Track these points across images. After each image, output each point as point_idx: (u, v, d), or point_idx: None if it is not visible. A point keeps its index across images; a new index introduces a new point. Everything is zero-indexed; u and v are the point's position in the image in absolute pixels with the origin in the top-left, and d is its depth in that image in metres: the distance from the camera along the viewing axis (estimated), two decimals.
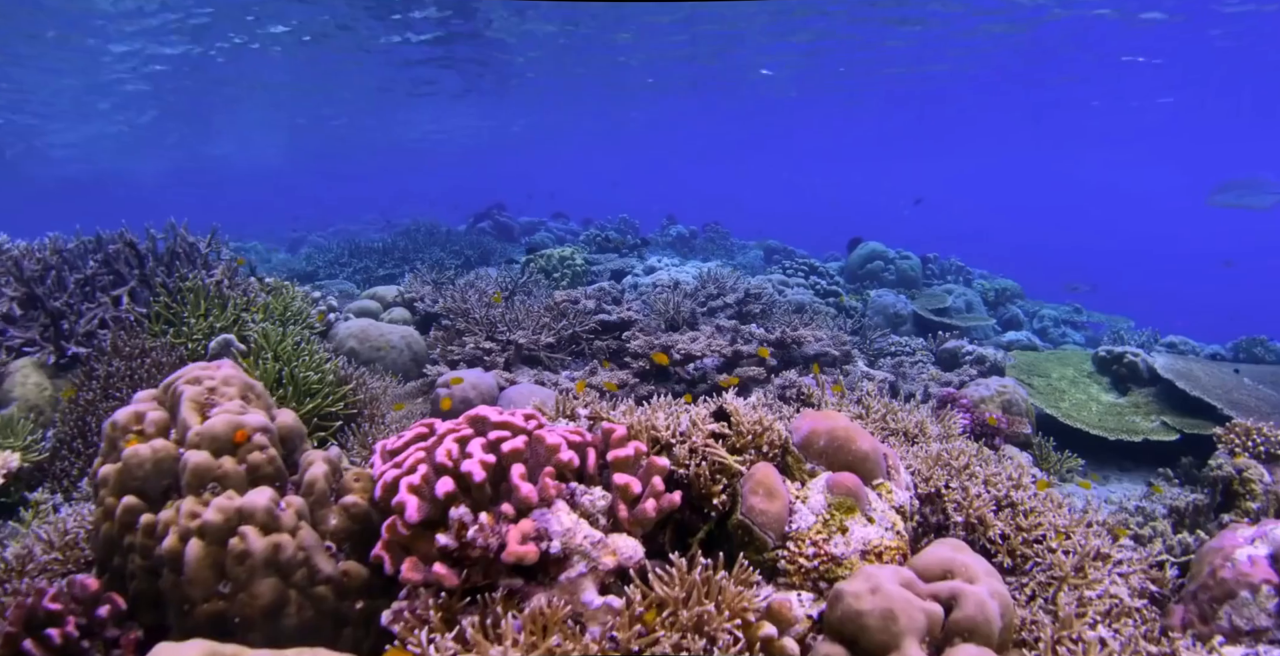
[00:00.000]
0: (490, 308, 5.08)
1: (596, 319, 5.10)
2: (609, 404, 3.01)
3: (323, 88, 16.72)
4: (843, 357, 5.10)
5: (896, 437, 3.14)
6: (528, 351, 4.77)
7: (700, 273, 6.26)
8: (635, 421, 2.32)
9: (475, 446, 2.05)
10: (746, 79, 17.59)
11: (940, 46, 14.79)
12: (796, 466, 2.24)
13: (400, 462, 2.22)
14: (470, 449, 2.05)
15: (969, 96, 20.01)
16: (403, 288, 6.17)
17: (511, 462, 2.02)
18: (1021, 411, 4.69)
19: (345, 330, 5.27)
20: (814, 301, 7.56)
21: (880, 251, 10.33)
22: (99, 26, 11.83)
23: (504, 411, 2.25)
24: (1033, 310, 10.97)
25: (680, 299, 5.48)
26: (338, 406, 4.21)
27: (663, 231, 13.82)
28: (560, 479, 2.14)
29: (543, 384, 4.20)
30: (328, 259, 9.93)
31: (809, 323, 5.84)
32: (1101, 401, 5.83)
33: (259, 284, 5.67)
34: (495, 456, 2.03)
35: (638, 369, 4.39)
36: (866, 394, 3.53)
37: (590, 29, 13.14)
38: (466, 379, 4.02)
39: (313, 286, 8.38)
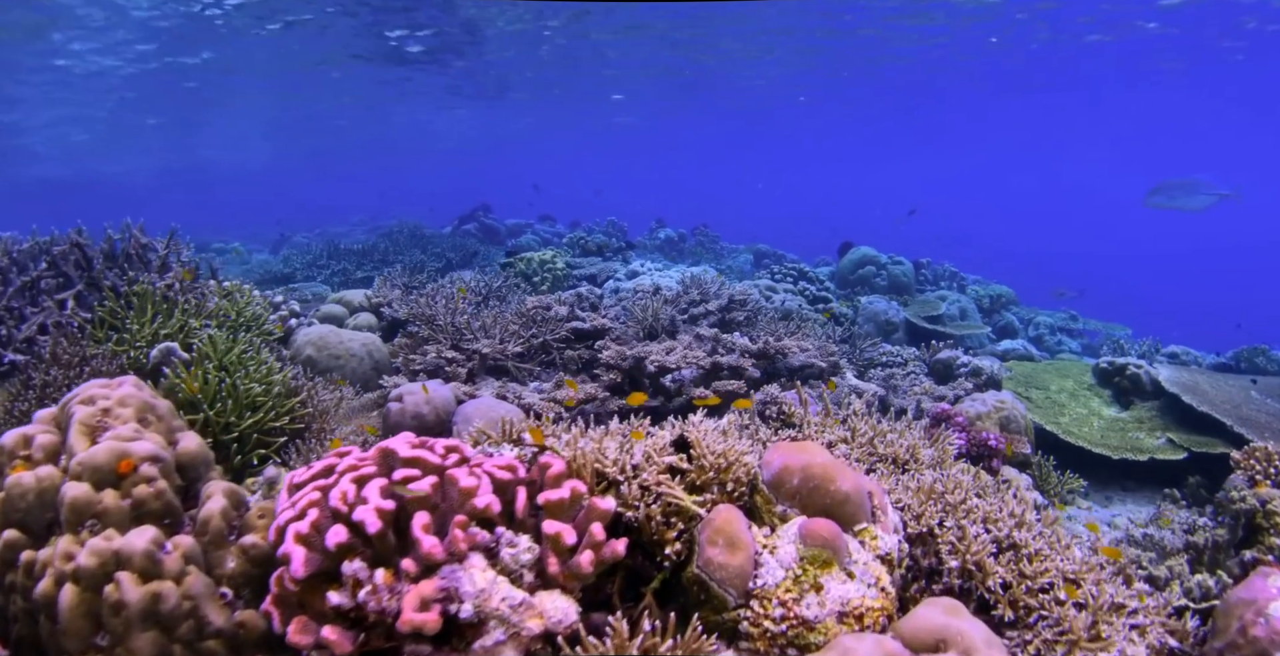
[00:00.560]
0: (456, 314, 4.73)
1: (569, 327, 4.75)
2: (563, 426, 2.66)
3: (309, 88, 16.37)
4: (830, 369, 4.75)
5: (885, 464, 2.79)
6: (493, 361, 4.42)
7: (683, 278, 5.91)
8: (579, 453, 1.96)
9: (372, 490, 1.69)
10: (737, 81, 17.29)
11: (935, 49, 14.51)
12: (766, 508, 1.89)
13: (296, 502, 1.87)
14: (366, 493, 1.70)
15: (962, 98, 19.76)
16: (370, 292, 5.81)
17: (415, 510, 1.66)
18: (1020, 429, 4.35)
19: (303, 337, 4.91)
20: (802, 308, 7.22)
21: (872, 256, 9.99)
22: (77, 21, 11.48)
23: (419, 444, 1.90)
24: (1028, 317, 10.64)
25: (659, 305, 5.14)
26: (283, 421, 3.86)
27: (651, 234, 13.48)
28: (484, 525, 1.79)
29: (505, 398, 3.85)
30: (305, 260, 9.56)
31: (795, 331, 5.49)
32: (1103, 416, 5.49)
33: (216, 287, 5.31)
34: (395, 502, 1.67)
35: (608, 382, 4.04)
36: (853, 413, 3.18)
37: (577, 30, 12.83)
38: (420, 392, 3.66)
39: (285, 289, 8.02)
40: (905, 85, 17.77)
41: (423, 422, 3.59)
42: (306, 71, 14.66)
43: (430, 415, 3.60)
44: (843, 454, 2.86)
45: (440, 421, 3.61)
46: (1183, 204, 8.35)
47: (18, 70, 13.69)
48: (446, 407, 3.66)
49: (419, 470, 1.76)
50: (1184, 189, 8.31)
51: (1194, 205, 8.31)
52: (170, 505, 2.25)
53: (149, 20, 11.49)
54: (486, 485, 1.77)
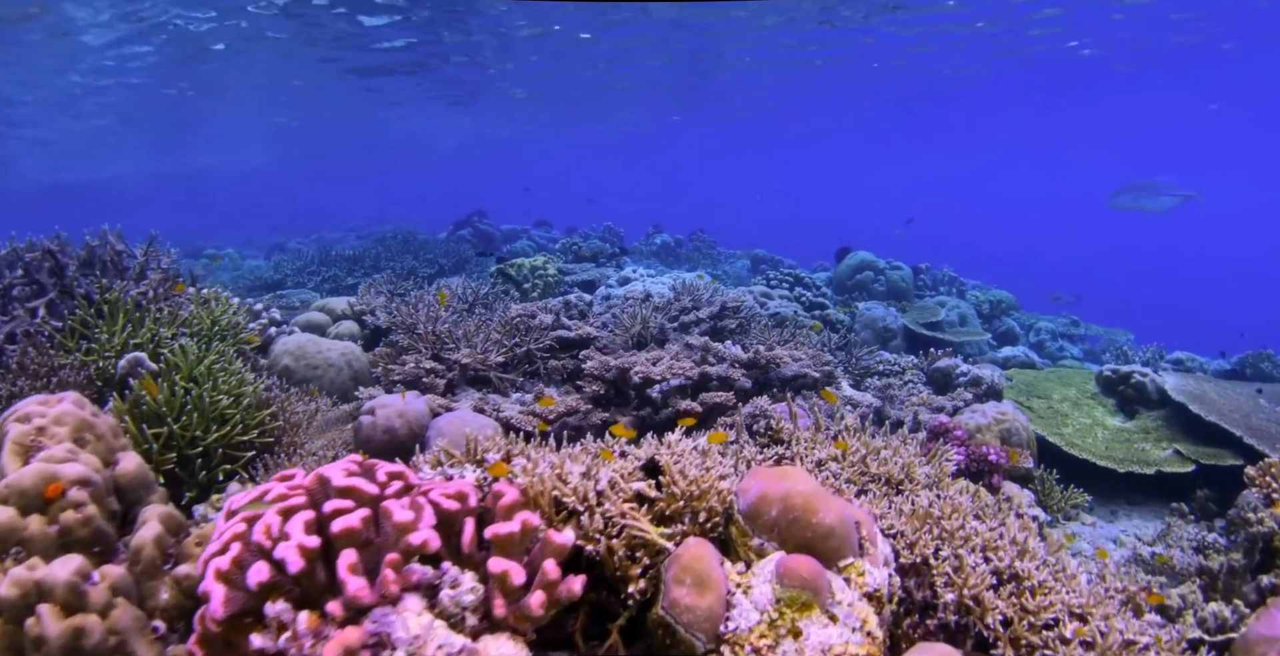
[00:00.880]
0: (437, 322, 4.55)
1: (554, 335, 4.58)
2: (533, 445, 2.48)
3: (303, 97, 16.25)
4: (824, 379, 4.57)
5: (878, 484, 2.61)
6: (474, 372, 4.24)
7: (674, 284, 5.74)
8: (536, 479, 1.78)
9: (296, 525, 1.51)
10: (733, 85, 17.16)
11: (932, 52, 14.36)
12: (741, 541, 1.71)
13: (221, 534, 1.69)
14: (290, 527, 1.52)
15: (961, 100, 19.62)
16: (353, 299, 5.64)
17: (344, 546, 1.48)
18: (1022, 441, 4.16)
19: (281, 346, 4.74)
20: (798, 315, 7.04)
21: (870, 261, 9.81)
22: (72, 27, 11.35)
23: (359, 470, 1.72)
24: (1029, 323, 10.45)
25: (648, 313, 4.96)
26: (252, 434, 3.68)
27: (648, 240, 13.31)
28: (430, 561, 1.61)
29: (483, 410, 3.67)
30: (296, 266, 9.40)
31: (789, 339, 5.31)
32: (1107, 426, 5.30)
33: (194, 295, 5.14)
34: (320, 539, 1.50)
35: (591, 394, 3.86)
36: (845, 429, 2.99)
37: (572, 34, 12.69)
38: (393, 405, 3.48)
39: (273, 296, 7.86)
40: (904, 87, 17.62)
41: (394, 437, 3.41)
42: (300, 81, 14.54)
43: (402, 429, 3.42)
44: (833, 473, 2.68)
45: (413, 435, 3.43)
46: (1146, 205, 8.43)
47: (14, 73, 13.58)
48: (420, 421, 3.49)
49: (352, 501, 1.58)
50: (1147, 190, 8.38)
51: (1157, 206, 8.38)
52: (100, 532, 2.07)
53: (144, 30, 11.38)
54: (428, 517, 1.59)
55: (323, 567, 1.57)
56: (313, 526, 1.54)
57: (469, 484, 1.84)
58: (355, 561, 1.45)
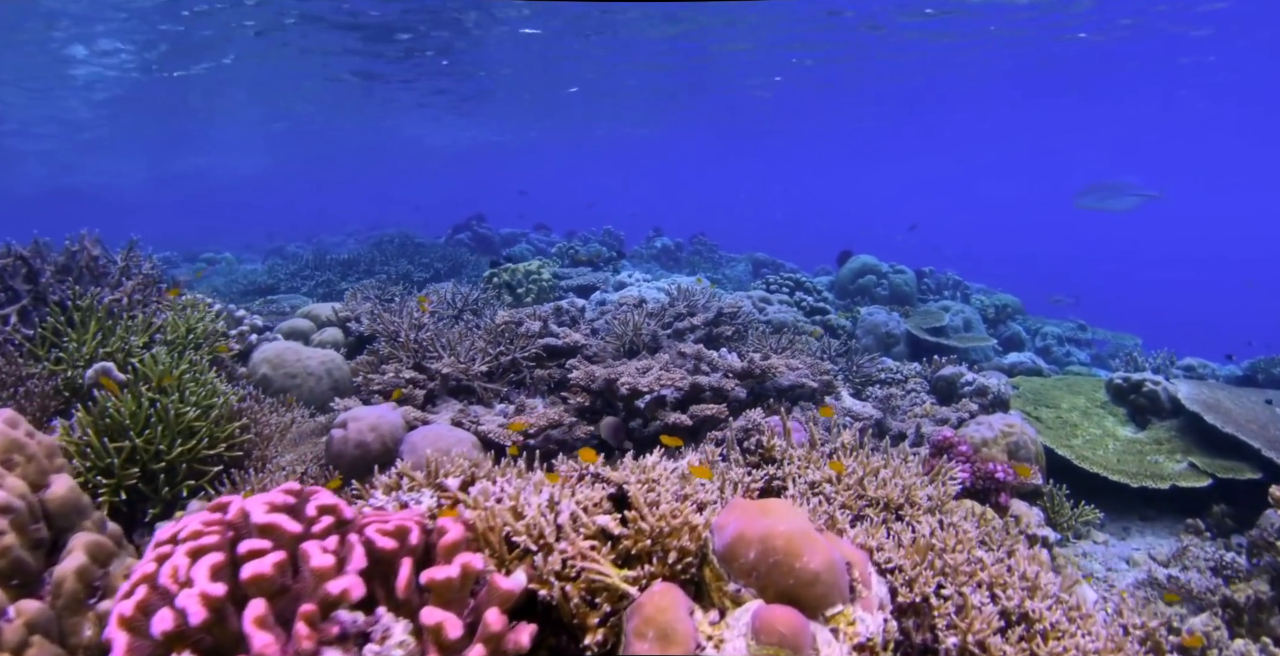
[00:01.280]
0: (420, 329, 4.36)
1: (541, 343, 4.38)
2: (500, 466, 2.29)
3: (303, 99, 16.13)
4: (823, 388, 4.36)
5: (876, 509, 2.40)
6: (455, 382, 4.04)
7: (668, 289, 5.54)
8: (485, 514, 1.58)
9: (201, 570, 1.32)
10: (736, 87, 16.97)
11: (935, 56, 14.17)
12: (715, 585, 1.51)
13: (131, 574, 1.50)
14: (195, 572, 1.32)
15: (962, 101, 19.41)
16: (338, 305, 5.46)
17: (254, 594, 1.29)
18: (1030, 455, 3.95)
19: (259, 354, 4.55)
20: (798, 321, 6.83)
21: (872, 265, 9.60)
22: (65, 27, 11.24)
23: (285, 504, 1.52)
24: (1035, 327, 10.22)
25: (640, 320, 4.76)
26: (219, 448, 3.49)
27: (648, 243, 13.12)
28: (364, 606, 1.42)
29: (461, 424, 3.47)
30: (290, 271, 9.23)
31: (787, 347, 5.11)
32: (1119, 437, 5.08)
33: (173, 302, 4.96)
34: (226, 587, 1.30)
35: (576, 406, 3.67)
36: (841, 447, 2.79)
37: (572, 37, 12.53)
38: (365, 418, 3.29)
39: (264, 301, 7.69)
40: (906, 89, 17.42)
41: (366, 452, 3.22)
42: (300, 82, 14.41)
43: (375, 444, 3.23)
44: (826, 496, 2.47)
45: (386, 450, 3.24)
46: (1111, 205, 8.52)
47: (11, 75, 13.48)
48: (394, 435, 3.29)
49: (269, 542, 1.38)
50: (1111, 190, 8.48)
51: (1121, 206, 8.47)
52: (19, 563, 1.88)
53: (141, 29, 11.25)
54: (357, 559, 1.40)
55: (235, 616, 1.38)
56: (221, 571, 1.35)
57: (415, 516, 1.64)
58: (263, 614, 1.25)
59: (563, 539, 1.55)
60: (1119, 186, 8.44)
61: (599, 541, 1.57)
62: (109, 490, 3.22)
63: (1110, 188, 8.48)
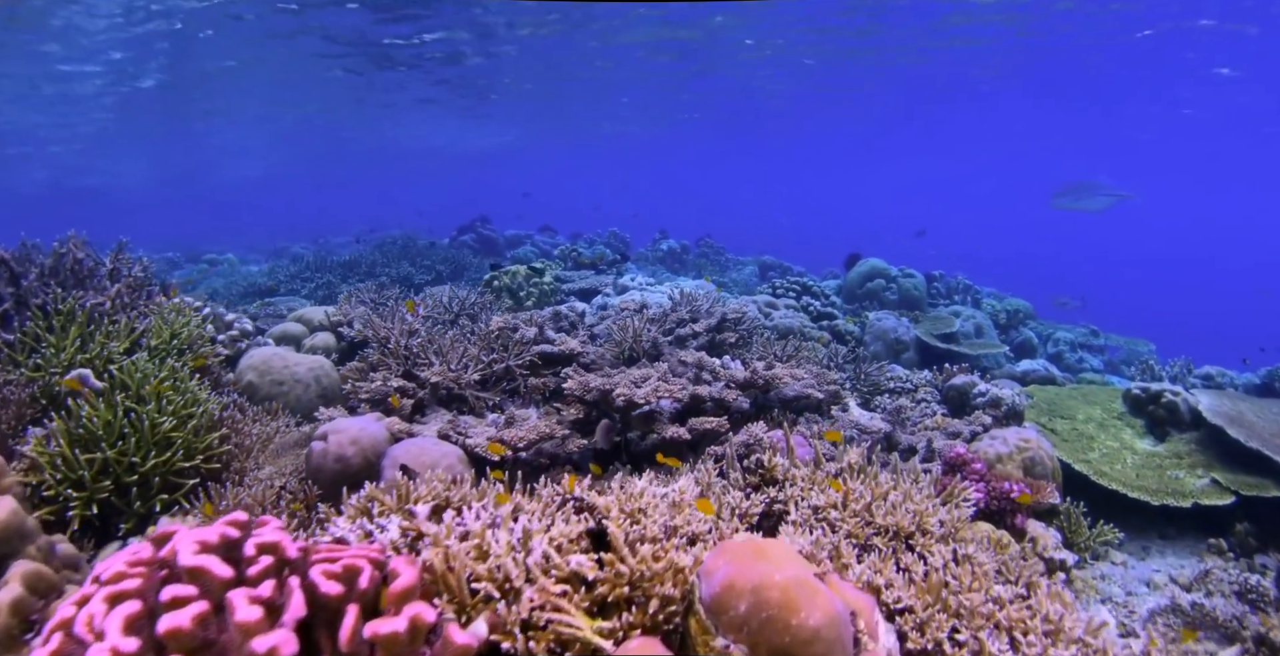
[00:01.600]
0: (411, 336, 4.19)
1: (537, 350, 4.21)
2: (478, 490, 2.12)
3: (309, 98, 16.02)
4: (830, 399, 4.17)
5: (884, 538, 2.22)
6: (447, 391, 3.88)
7: (671, 293, 5.36)
8: (443, 556, 1.41)
9: (114, 621, 1.15)
10: (744, 88, 16.79)
11: (940, 54, 13.95)
12: (701, 639, 1.33)
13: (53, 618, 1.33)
14: (108, 623, 1.15)
15: (969, 102, 19.18)
16: (331, 309, 5.30)
17: (172, 650, 1.12)
18: (1047, 472, 3.75)
19: (246, 361, 4.40)
20: (804, 327, 6.64)
21: (881, 269, 9.39)
22: (70, 28, 11.15)
23: (220, 542, 1.35)
24: (1046, 333, 9.99)
25: (640, 326, 4.58)
26: (196, 460, 3.33)
27: (654, 246, 12.95)
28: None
29: (448, 437, 3.30)
30: (290, 273, 9.09)
31: (793, 354, 4.92)
32: (1137, 450, 4.86)
33: (159, 305, 4.82)
34: (140, 641, 1.13)
35: (570, 418, 3.49)
36: (848, 468, 2.60)
37: (580, 36, 12.38)
38: (347, 430, 3.13)
39: (260, 303, 7.55)
40: (911, 87, 17.20)
41: (346, 467, 3.05)
42: (303, 83, 14.30)
43: (356, 458, 3.06)
44: (831, 522, 2.29)
45: (367, 464, 3.07)
46: (1086, 205, 8.68)
47: (10, 75, 13.41)
48: (376, 448, 3.12)
49: (195, 588, 1.21)
50: (1085, 190, 8.63)
51: (1095, 206, 8.65)
52: None
53: (142, 31, 11.15)
54: (295, 607, 1.22)
55: None
56: (137, 622, 1.18)
57: (370, 553, 1.47)
58: None
59: (531, 583, 1.37)
60: (1093, 186, 8.58)
61: (573, 585, 1.40)
62: (80, 503, 3.07)
63: (1084, 188, 8.59)
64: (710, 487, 2.45)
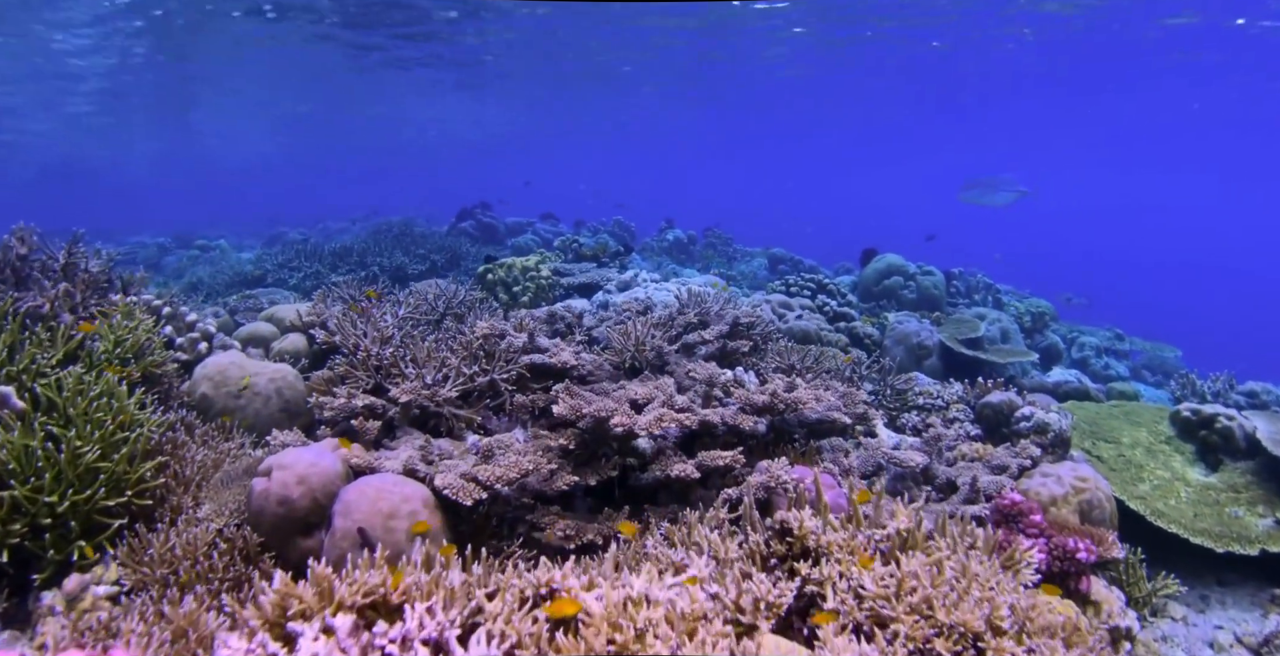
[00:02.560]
0: (384, 342, 3.68)
1: (527, 360, 3.70)
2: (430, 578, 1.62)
3: (307, 78, 15.42)
4: (856, 421, 3.67)
5: (947, 640, 1.72)
6: (419, 410, 3.38)
7: (678, 293, 4.84)
8: None
9: None
10: (753, 76, 16.16)
11: (959, 42, 13.34)
12: None
13: None
14: None
15: (984, 96, 18.56)
16: (303, 308, 4.78)
17: None
18: (1105, 516, 3.24)
19: (201, 370, 3.89)
20: (821, 329, 6.12)
21: (899, 265, 8.85)
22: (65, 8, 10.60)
23: None
24: (1071, 336, 9.45)
25: (644, 332, 4.07)
26: (124, 496, 2.83)
27: (659, 236, 12.40)
28: None
29: (414, 473, 2.79)
30: (278, 261, 8.57)
31: (813, 366, 4.40)
32: (1189, 481, 4.35)
33: (121, 306, 4.31)
34: None
35: (559, 447, 2.99)
36: (896, 536, 2.09)
37: (589, 22, 11.80)
38: (295, 464, 2.62)
39: (240, 296, 7.04)
40: (928, 80, 16.58)
41: (291, 511, 2.55)
42: (306, 61, 13.72)
43: (302, 500, 2.56)
44: (881, 619, 1.79)
45: (316, 507, 2.57)
46: (990, 200, 8.87)
47: (8, 62, 12.87)
48: (328, 488, 2.62)
49: None
50: (989, 186, 8.82)
51: (998, 201, 8.83)
52: None
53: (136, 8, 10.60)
54: None
55: None
56: None
57: None
58: None
59: None
60: (996, 182, 8.79)
61: None
62: None
63: (987, 184, 8.81)
64: (729, 564, 1.94)
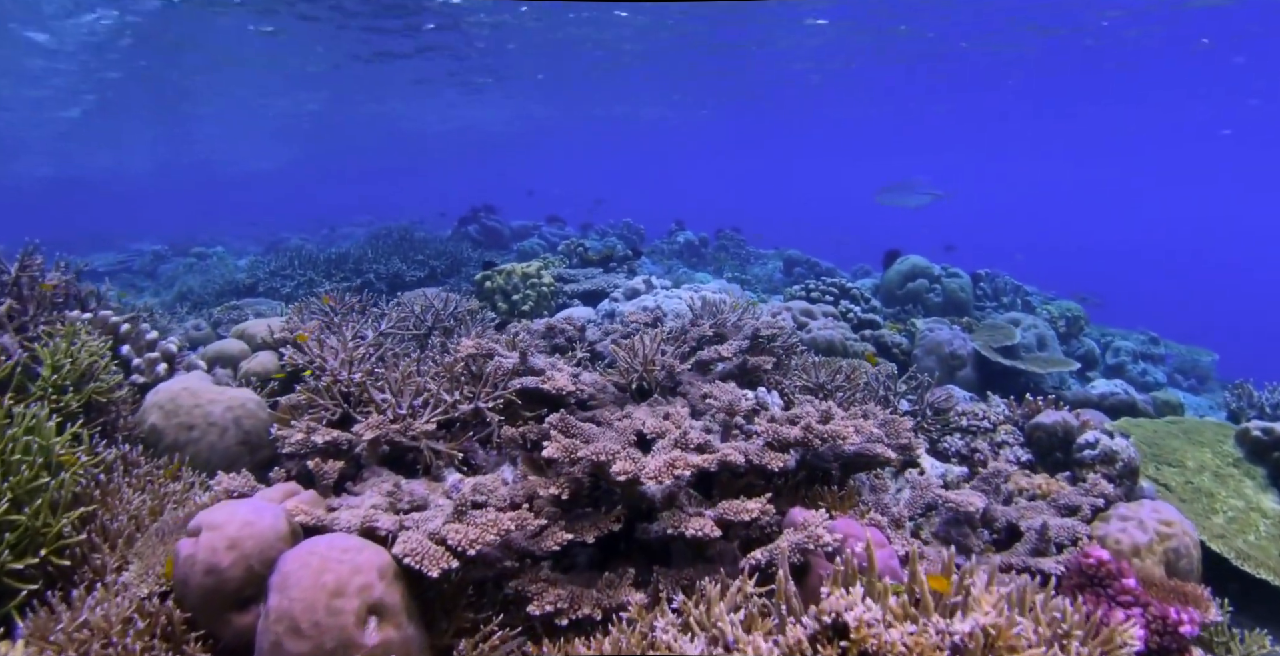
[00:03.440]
0: (354, 363, 3.19)
1: (517, 385, 3.20)
2: None
3: (312, 83, 15.02)
4: (900, 452, 3.14)
5: None
6: (391, 445, 2.88)
7: (691, 303, 4.34)
8: None
9: None
10: (768, 73, 15.62)
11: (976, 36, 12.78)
12: None
13: None
14: None
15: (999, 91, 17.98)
16: (276, 322, 4.30)
17: None
18: (1192, 566, 2.71)
19: (153, 397, 3.41)
20: (848, 339, 5.60)
21: (923, 267, 8.31)
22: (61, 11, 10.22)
23: None
24: (1105, 341, 8.88)
25: (654, 347, 3.56)
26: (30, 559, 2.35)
27: (669, 238, 11.89)
28: None
29: (372, 532, 2.29)
30: (270, 269, 8.12)
31: (844, 385, 3.89)
32: (1266, 512, 3.80)
33: (66, 327, 3.84)
34: None
35: (549, 497, 2.49)
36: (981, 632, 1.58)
37: (599, 19, 11.32)
38: (225, 525, 2.13)
39: (225, 307, 6.58)
40: (950, 76, 16.00)
41: (220, 582, 2.06)
42: (306, 64, 13.31)
43: (233, 569, 2.07)
44: None
45: (253, 578, 2.08)
46: (905, 201, 8.98)
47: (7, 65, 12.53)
48: (265, 554, 2.12)
49: None
50: (904, 188, 8.97)
51: (913, 203, 8.94)
52: None
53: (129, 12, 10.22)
54: None
55: None
56: None
57: None
58: None
59: None
60: (910, 185, 8.98)
61: None
62: None
63: (903, 186, 9.00)
64: None
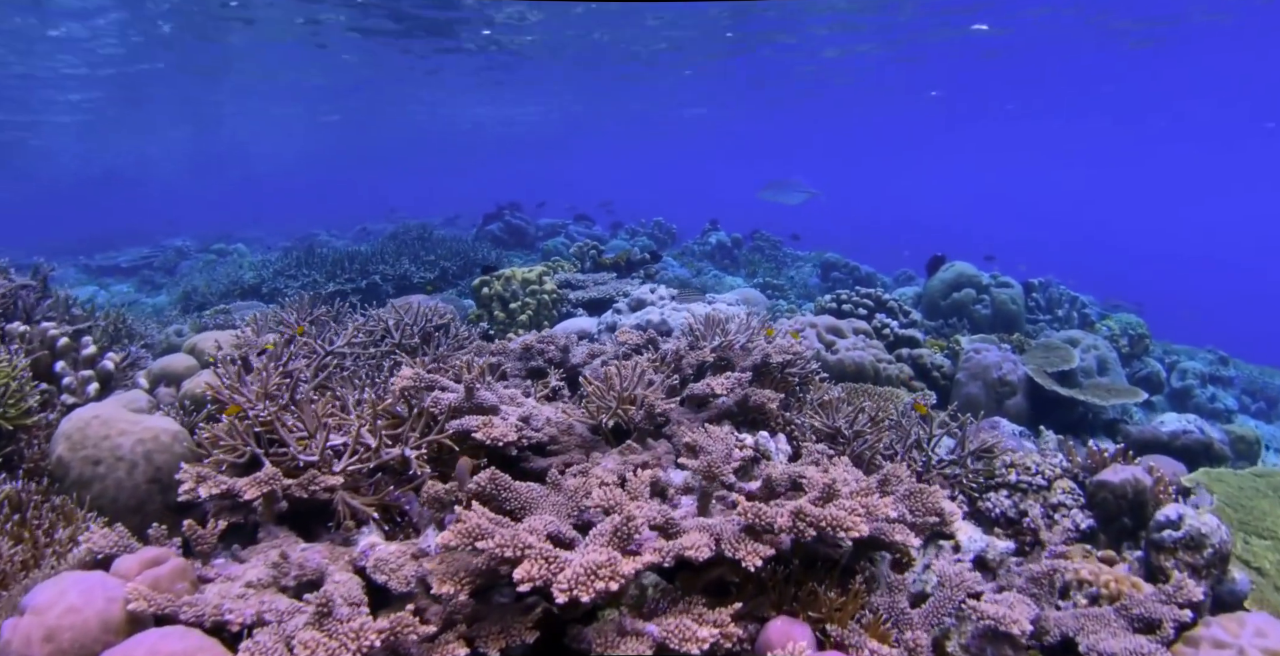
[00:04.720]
0: (268, 400, 2.64)
1: (455, 427, 2.60)
2: None
3: (337, 79, 14.72)
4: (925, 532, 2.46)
5: None
6: (294, 501, 2.32)
7: (690, 322, 3.70)
8: None
9: None
10: (802, 68, 14.81)
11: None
12: None
13: None
14: None
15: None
16: (223, 336, 3.79)
17: None
18: None
19: (64, 425, 2.92)
20: (880, 360, 4.89)
21: (971, 275, 7.49)
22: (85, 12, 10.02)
23: None
24: (1170, 361, 7.94)
25: (634, 378, 2.94)
26: None
27: (701, 239, 11.21)
28: None
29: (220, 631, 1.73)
30: (275, 269, 7.71)
31: (867, 429, 3.20)
32: None
33: None
34: None
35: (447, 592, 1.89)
36: None
37: (636, 17, 10.73)
38: (50, 608, 1.58)
39: (214, 310, 6.16)
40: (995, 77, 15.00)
41: None
42: (336, 60, 12.99)
43: None
44: None
45: None
46: (784, 199, 9.35)
47: (32, 64, 12.43)
48: (85, 650, 1.58)
49: None
50: (783, 187, 9.30)
51: (792, 200, 9.35)
52: None
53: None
54: None
55: None
56: None
57: None
58: None
59: None
60: (789, 184, 9.27)
61: None
62: None
63: (782, 185, 9.26)
64: None
